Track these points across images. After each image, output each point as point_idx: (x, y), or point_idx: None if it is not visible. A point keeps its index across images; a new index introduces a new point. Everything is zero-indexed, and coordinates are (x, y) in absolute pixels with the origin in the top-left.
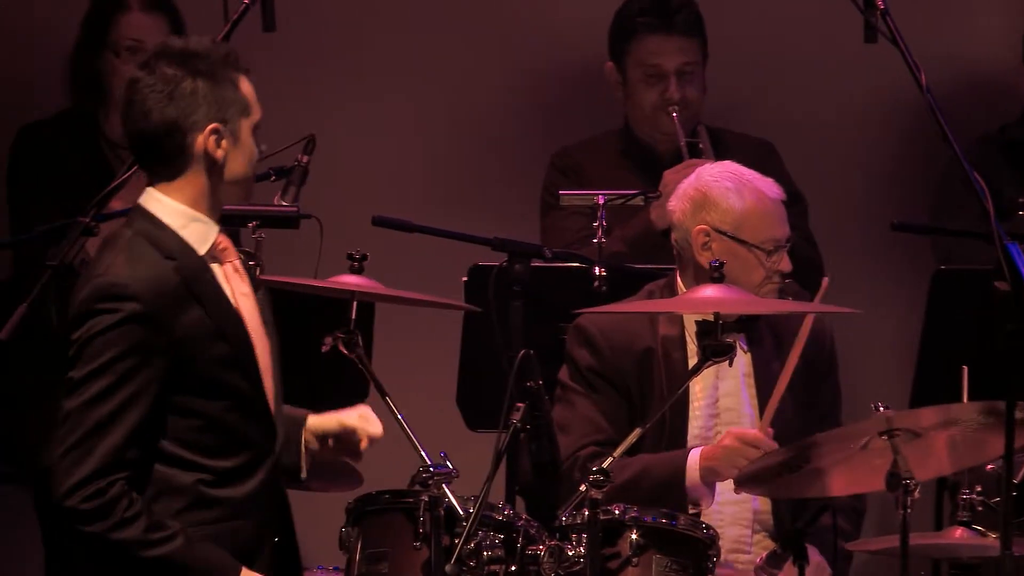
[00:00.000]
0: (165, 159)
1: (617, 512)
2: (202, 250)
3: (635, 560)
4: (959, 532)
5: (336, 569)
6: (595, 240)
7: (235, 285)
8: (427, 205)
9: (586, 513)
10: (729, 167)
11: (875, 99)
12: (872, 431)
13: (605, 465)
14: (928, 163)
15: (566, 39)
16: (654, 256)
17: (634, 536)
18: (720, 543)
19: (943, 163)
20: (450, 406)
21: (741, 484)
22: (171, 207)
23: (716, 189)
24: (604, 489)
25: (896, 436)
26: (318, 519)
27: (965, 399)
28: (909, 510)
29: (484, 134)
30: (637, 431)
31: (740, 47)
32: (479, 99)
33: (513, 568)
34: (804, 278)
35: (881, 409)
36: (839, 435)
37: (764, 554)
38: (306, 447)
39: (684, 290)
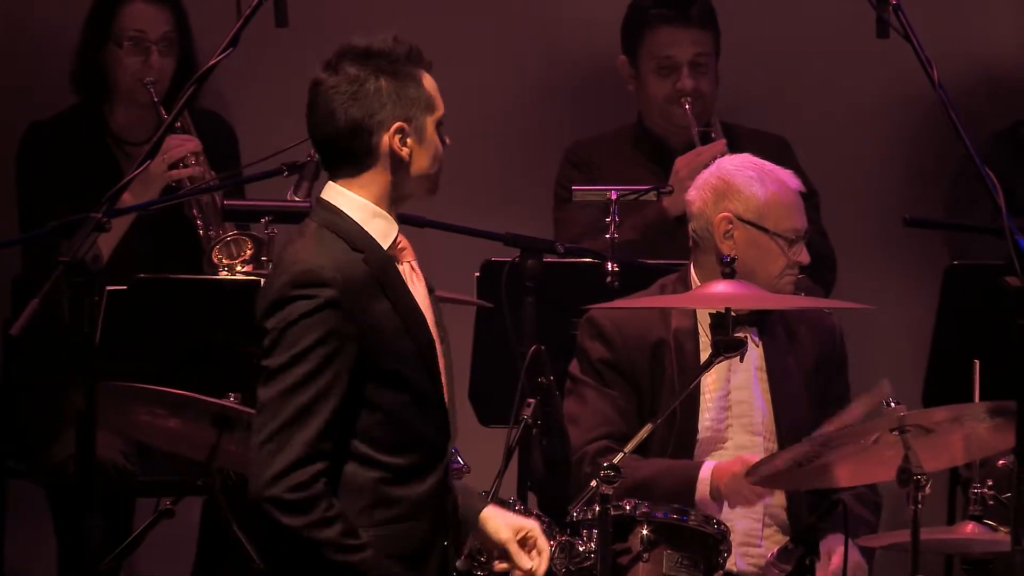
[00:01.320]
0: (351, 159)
1: (628, 508)
2: (386, 245)
3: (646, 556)
4: (970, 527)
5: None
6: (608, 235)
7: (413, 285)
8: (439, 201)
9: (597, 509)
10: (749, 158)
11: (888, 95)
12: (883, 427)
13: (616, 461)
14: (941, 159)
15: (578, 34)
16: (666, 247)
17: (645, 532)
18: (731, 537)
19: (956, 160)
20: (462, 401)
21: (751, 477)
22: (355, 201)
23: (739, 178)
24: (615, 485)
25: (907, 432)
26: None
27: (977, 394)
28: (920, 505)
29: (497, 130)
30: (648, 427)
31: (753, 43)
32: (491, 95)
33: None
34: (817, 273)
35: (892, 405)
36: (851, 433)
37: (775, 549)
38: (470, 542)
39: (698, 283)
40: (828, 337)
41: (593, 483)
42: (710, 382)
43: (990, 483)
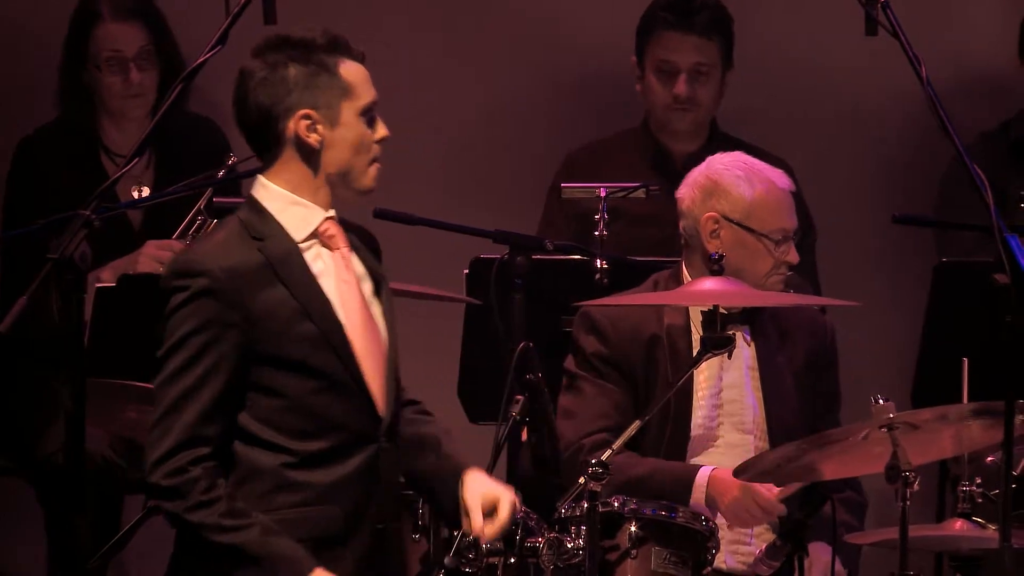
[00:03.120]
0: (263, 145)
1: (616, 504)
2: (299, 234)
3: (634, 552)
4: (959, 524)
5: None
6: (597, 232)
7: (339, 271)
8: (429, 198)
9: (585, 505)
10: (739, 156)
11: (877, 93)
12: (872, 425)
13: (604, 458)
14: (930, 157)
15: (573, 33)
16: (656, 246)
17: (633, 529)
18: (720, 535)
19: (946, 161)
20: (451, 398)
21: (740, 475)
22: (273, 191)
23: (727, 177)
24: (603, 482)
25: (896, 429)
26: None
27: (965, 392)
28: (908, 502)
29: (486, 127)
30: (636, 423)
31: (743, 42)
32: (482, 92)
33: (512, 560)
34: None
35: (881, 402)
36: (840, 431)
37: (763, 546)
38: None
39: (689, 280)
40: (819, 336)
41: (581, 480)
42: (702, 380)
43: (979, 480)
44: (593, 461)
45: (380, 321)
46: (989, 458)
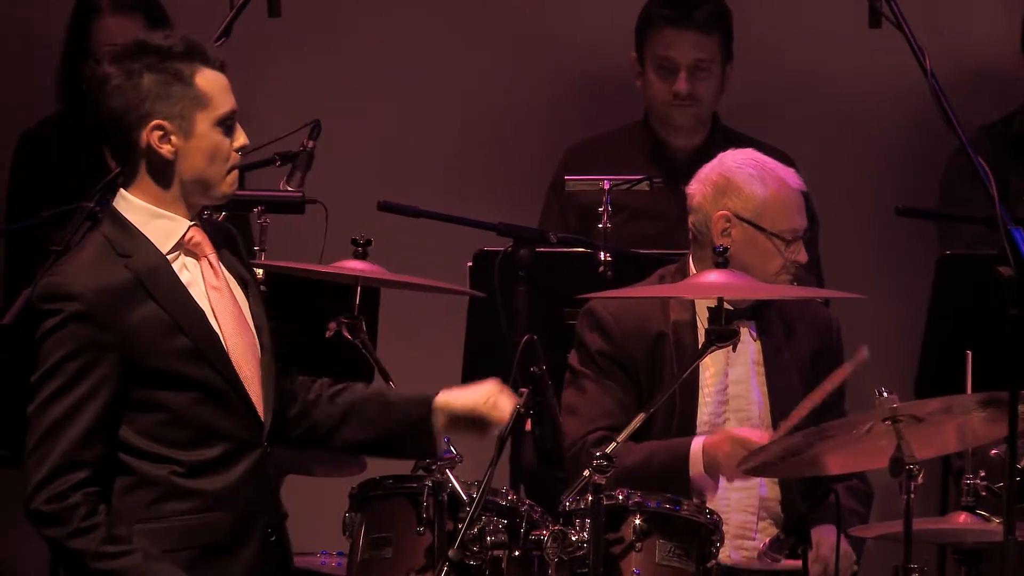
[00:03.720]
0: (119, 155)
1: (620, 497)
2: (165, 246)
3: (638, 545)
4: (963, 517)
5: (340, 554)
6: (600, 225)
7: (207, 279)
8: (432, 190)
9: (590, 498)
10: (751, 154)
11: (880, 85)
12: (875, 418)
13: (609, 450)
14: (934, 150)
15: (576, 27)
16: (654, 244)
17: (637, 521)
18: (725, 529)
19: (947, 154)
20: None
21: (743, 465)
22: (135, 204)
23: (739, 175)
24: (608, 474)
25: (900, 422)
26: (321, 504)
27: (969, 384)
28: (912, 495)
29: (490, 119)
30: (641, 416)
31: (744, 35)
32: (485, 85)
33: (516, 553)
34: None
35: (885, 395)
36: (844, 424)
37: (767, 540)
38: (438, 429)
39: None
40: (825, 331)
41: (586, 473)
42: (708, 376)
43: (983, 473)
44: (597, 453)
45: (251, 322)
46: (993, 451)
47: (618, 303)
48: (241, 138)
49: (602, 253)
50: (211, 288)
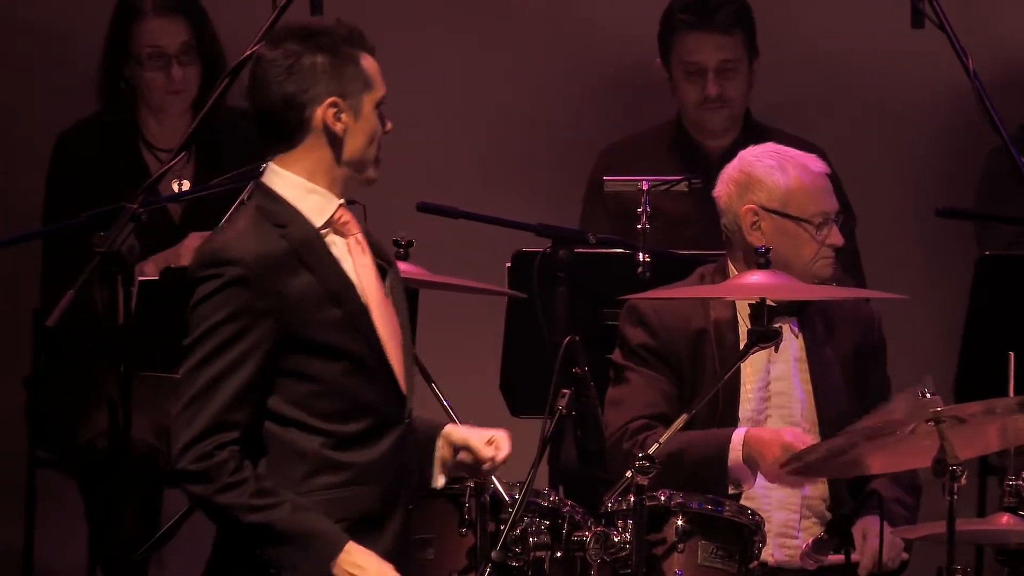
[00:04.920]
0: (284, 133)
1: (663, 498)
2: (318, 221)
3: (680, 546)
4: (1006, 518)
5: None
6: (639, 226)
7: (356, 256)
8: (472, 191)
9: (632, 499)
10: (770, 146)
11: (919, 87)
12: (919, 419)
13: (651, 451)
14: (972, 150)
15: (613, 26)
16: (692, 244)
17: (680, 522)
18: (767, 527)
19: (984, 155)
20: (493, 391)
21: (787, 467)
22: (289, 180)
23: (759, 168)
24: (650, 475)
25: (943, 422)
26: None
27: (1011, 385)
28: (956, 496)
29: (529, 120)
30: (683, 416)
31: (782, 38)
32: (524, 85)
33: (559, 554)
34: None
35: (928, 396)
36: (886, 425)
37: (810, 540)
38: (439, 457)
39: (735, 274)
40: (866, 326)
41: (628, 473)
42: (749, 373)
43: None
44: (640, 455)
45: (392, 305)
46: None
47: (660, 299)
48: (388, 124)
49: (641, 254)
50: (359, 265)
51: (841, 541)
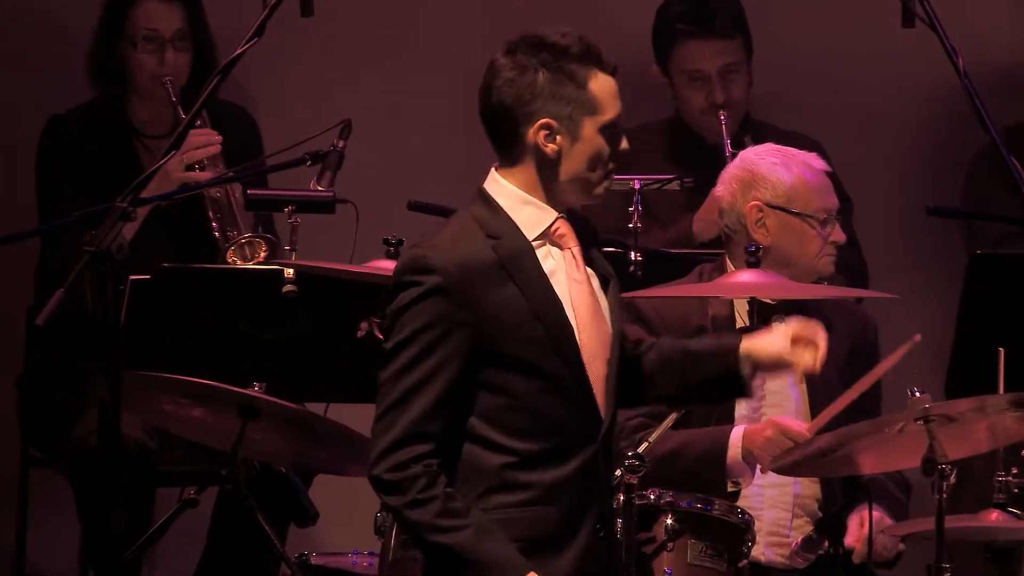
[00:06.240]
0: (500, 143)
1: (652, 497)
2: (532, 233)
3: (670, 545)
4: (995, 515)
5: (371, 553)
6: (631, 225)
7: (569, 271)
8: (462, 190)
9: (621, 498)
10: (771, 146)
11: (909, 86)
12: (908, 417)
13: (640, 450)
14: (961, 151)
15: (611, 26)
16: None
17: (669, 521)
18: (758, 526)
19: (971, 154)
20: None
21: (775, 468)
22: (507, 189)
23: (763, 165)
24: (640, 474)
25: (932, 422)
26: (354, 504)
27: (1001, 383)
28: (945, 495)
29: None
30: (672, 416)
31: (773, 37)
32: None
33: None
34: (848, 282)
35: (917, 394)
36: (876, 423)
37: (799, 539)
38: (744, 374)
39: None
40: (862, 328)
41: (618, 472)
42: None
43: (1015, 471)
44: (630, 453)
45: (608, 319)
46: None
47: (659, 297)
48: (624, 143)
49: (633, 253)
50: (572, 280)
51: (831, 540)
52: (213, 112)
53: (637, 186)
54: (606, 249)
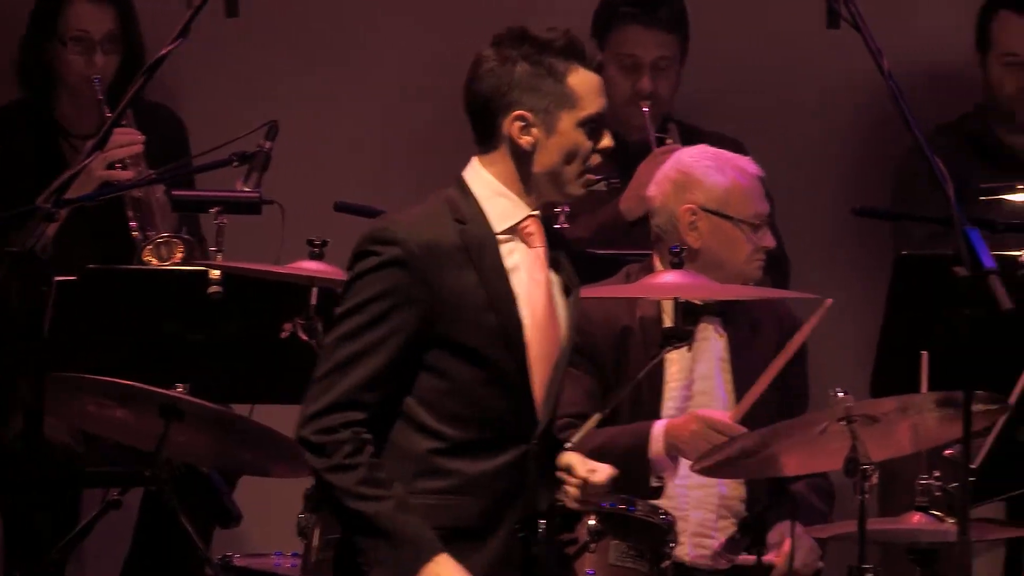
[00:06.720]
0: (479, 133)
1: None
2: (500, 226)
3: (592, 546)
4: (917, 518)
5: (294, 555)
6: (556, 225)
7: (531, 270)
8: (389, 191)
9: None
10: (705, 148)
11: (837, 86)
12: (831, 417)
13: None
14: (890, 150)
15: (535, 16)
16: (617, 244)
17: (591, 522)
18: (684, 526)
19: (902, 153)
20: None
21: (699, 469)
22: (483, 178)
23: (698, 168)
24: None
25: (854, 422)
26: (277, 505)
27: (924, 385)
28: (867, 495)
29: (446, 119)
30: (597, 416)
31: (702, 37)
32: (443, 84)
33: None
34: (772, 275)
35: (840, 395)
36: (799, 423)
37: (722, 540)
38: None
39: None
40: (788, 329)
41: None
42: (674, 371)
43: (937, 474)
44: None
45: (563, 325)
46: (947, 451)
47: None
48: (605, 140)
49: None
50: (532, 279)
51: (753, 540)
52: (139, 112)
53: None
54: None
